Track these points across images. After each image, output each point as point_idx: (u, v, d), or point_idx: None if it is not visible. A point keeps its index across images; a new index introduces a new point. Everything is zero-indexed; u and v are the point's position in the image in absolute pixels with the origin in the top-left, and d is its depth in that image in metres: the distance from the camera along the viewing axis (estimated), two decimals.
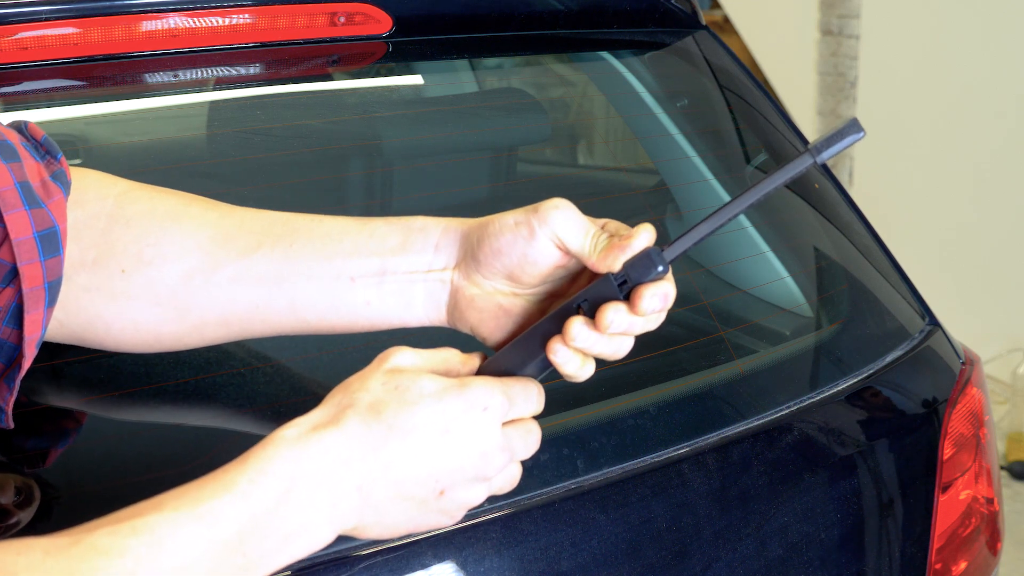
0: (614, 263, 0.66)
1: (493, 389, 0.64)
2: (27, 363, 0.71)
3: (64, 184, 0.73)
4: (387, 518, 0.63)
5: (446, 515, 0.65)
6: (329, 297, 0.73)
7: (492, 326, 0.72)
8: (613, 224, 0.70)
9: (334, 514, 0.60)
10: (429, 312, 0.73)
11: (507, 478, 0.67)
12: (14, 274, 0.70)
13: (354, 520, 0.61)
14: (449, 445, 0.62)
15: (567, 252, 0.69)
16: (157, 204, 0.75)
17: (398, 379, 0.63)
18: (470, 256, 0.71)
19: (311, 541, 0.60)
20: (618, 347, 0.67)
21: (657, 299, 0.65)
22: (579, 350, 0.66)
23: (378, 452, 0.61)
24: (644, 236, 0.67)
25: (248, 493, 0.57)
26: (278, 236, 0.74)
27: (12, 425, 0.76)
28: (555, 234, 0.68)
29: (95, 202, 0.75)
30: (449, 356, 0.68)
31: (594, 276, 0.68)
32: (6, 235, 0.69)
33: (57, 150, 0.75)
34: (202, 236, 0.74)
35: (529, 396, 0.66)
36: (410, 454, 0.61)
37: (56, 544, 0.52)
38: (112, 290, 0.74)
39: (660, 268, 0.65)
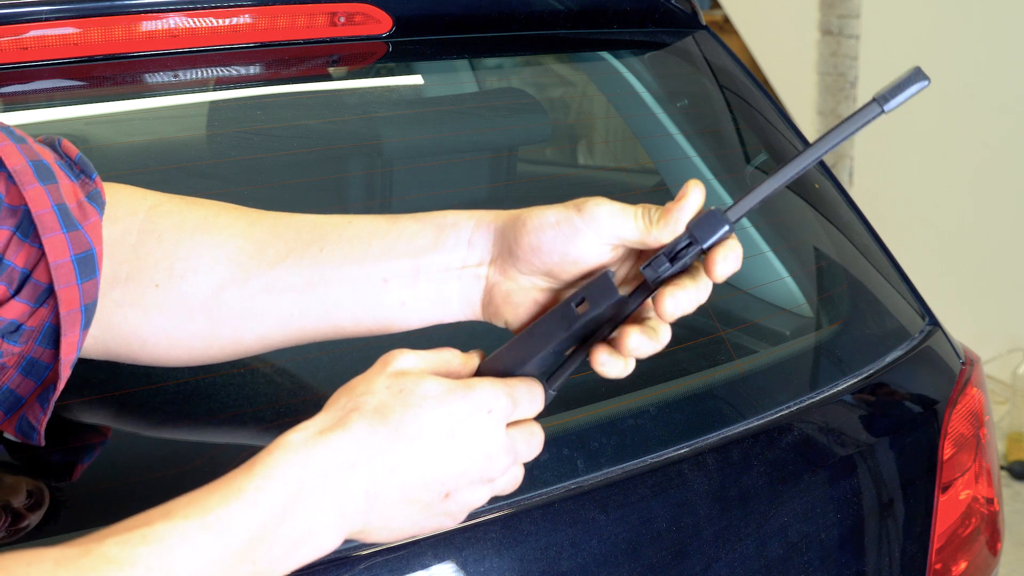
0: (677, 226, 0.65)
1: (498, 391, 0.64)
2: (62, 384, 0.71)
3: (99, 204, 0.73)
4: (393, 521, 0.63)
5: (450, 517, 0.65)
6: (362, 300, 0.72)
7: (527, 321, 0.71)
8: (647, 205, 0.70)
9: (341, 519, 0.60)
10: (464, 308, 0.73)
11: (510, 480, 0.67)
12: (48, 294, 0.70)
13: (360, 524, 0.61)
14: (455, 448, 0.62)
15: (621, 245, 0.68)
16: (186, 216, 0.75)
17: (403, 382, 0.63)
18: (507, 252, 0.70)
19: (319, 546, 0.60)
20: (664, 339, 0.66)
21: (732, 260, 0.64)
22: (632, 357, 0.65)
23: (385, 455, 0.61)
24: (696, 192, 0.66)
25: (257, 500, 0.57)
26: (307, 242, 0.73)
27: (43, 443, 0.76)
28: (606, 231, 0.67)
29: (126, 218, 0.75)
30: (450, 357, 0.67)
31: (639, 260, 0.68)
32: (41, 256, 0.69)
33: (92, 170, 0.75)
34: (232, 247, 0.73)
35: (533, 397, 0.66)
36: (416, 457, 0.61)
37: (66, 554, 0.52)
38: (146, 305, 0.74)
39: (727, 227, 0.64)
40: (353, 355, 1.04)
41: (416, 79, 1.45)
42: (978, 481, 1.22)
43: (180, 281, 0.73)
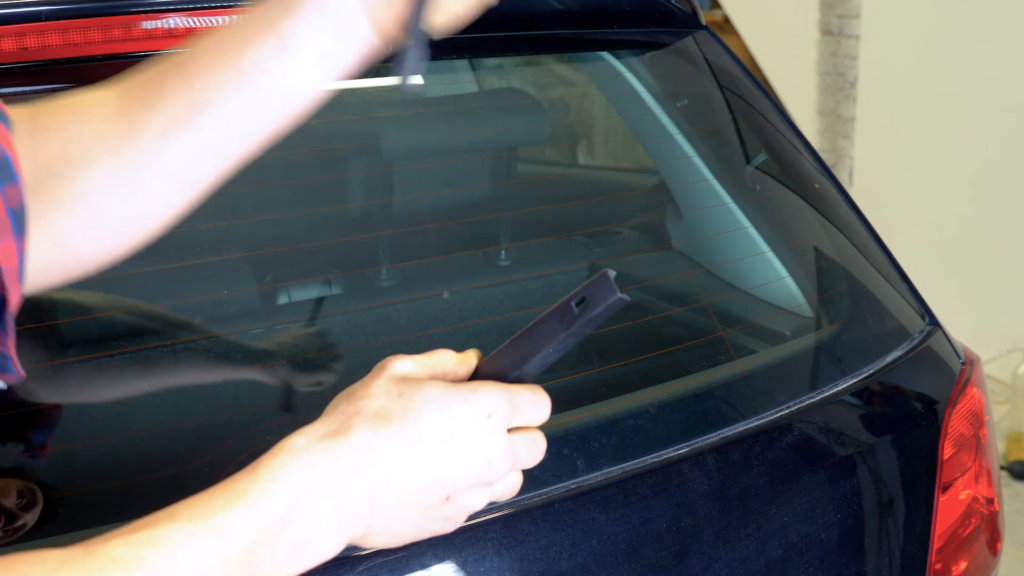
0: None
1: (498, 396, 0.64)
2: (13, 297, 0.68)
3: (5, 119, 0.71)
4: (393, 525, 0.63)
5: (448, 521, 0.65)
6: (246, 94, 0.69)
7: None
8: None
9: (343, 523, 0.60)
10: (360, 44, 0.70)
11: (508, 485, 0.67)
12: None
13: (362, 528, 0.62)
14: (455, 451, 0.62)
15: None
16: (61, 104, 0.73)
17: (402, 387, 0.63)
18: None
19: (321, 550, 0.60)
20: None
21: None
22: None
23: (386, 460, 0.61)
24: None
25: (260, 504, 0.57)
26: (173, 77, 0.70)
27: (23, 374, 0.74)
28: None
29: (15, 124, 0.72)
30: (445, 358, 0.67)
31: None
32: None
33: None
34: (110, 113, 0.71)
35: (536, 404, 0.66)
36: (417, 461, 0.62)
37: (71, 555, 0.53)
38: (61, 201, 0.71)
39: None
40: (354, 355, 1.05)
41: (416, 79, 1.44)
42: (978, 481, 1.22)
43: (82, 165, 0.70)
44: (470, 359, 0.68)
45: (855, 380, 1.17)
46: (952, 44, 3.56)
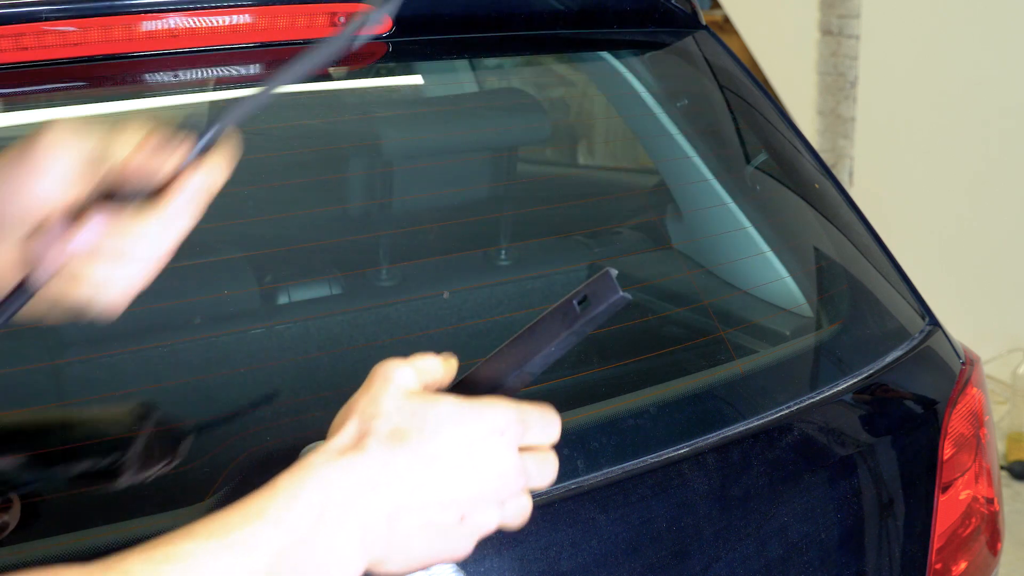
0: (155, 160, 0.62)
1: (509, 414, 0.64)
2: None
3: None
4: (411, 548, 0.62)
5: (462, 542, 0.64)
6: None
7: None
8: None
9: (364, 542, 0.60)
10: None
11: (518, 508, 0.66)
12: None
13: (381, 550, 0.61)
14: (471, 469, 0.62)
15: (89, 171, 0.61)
16: None
17: (414, 404, 0.63)
18: None
19: (344, 571, 0.59)
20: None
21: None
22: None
23: (403, 479, 0.60)
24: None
25: (280, 521, 0.57)
26: None
27: None
28: (70, 158, 0.61)
29: None
30: (435, 365, 0.67)
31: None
32: None
33: None
34: None
35: (546, 423, 0.66)
36: (435, 479, 0.61)
37: (89, 572, 0.53)
38: None
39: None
40: (353, 355, 1.05)
41: (416, 79, 1.45)
42: (978, 481, 1.22)
43: None
44: (452, 365, 0.68)
45: (855, 380, 1.17)
46: (952, 44, 3.55)
